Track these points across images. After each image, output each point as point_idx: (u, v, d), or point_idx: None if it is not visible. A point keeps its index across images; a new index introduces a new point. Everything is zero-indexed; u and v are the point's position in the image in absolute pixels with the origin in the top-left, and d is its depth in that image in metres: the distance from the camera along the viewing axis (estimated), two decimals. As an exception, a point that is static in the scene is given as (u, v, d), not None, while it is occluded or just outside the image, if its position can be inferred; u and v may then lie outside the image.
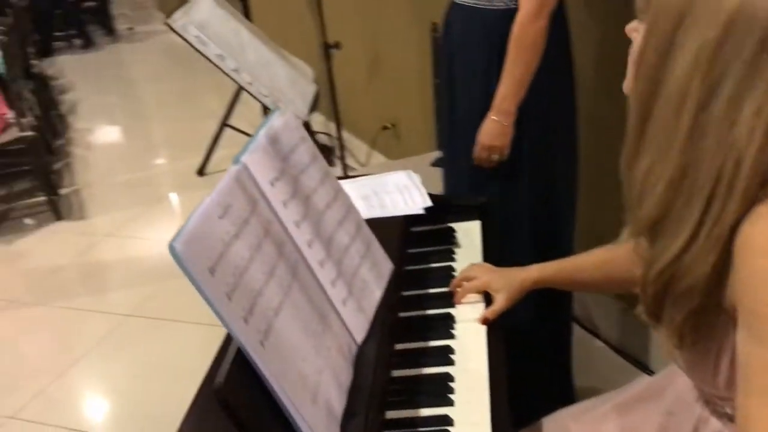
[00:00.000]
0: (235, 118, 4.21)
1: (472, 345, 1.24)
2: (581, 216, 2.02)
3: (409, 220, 1.57)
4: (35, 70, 5.16)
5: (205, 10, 1.73)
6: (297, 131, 1.14)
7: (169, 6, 8.69)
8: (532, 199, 1.89)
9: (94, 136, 5.42)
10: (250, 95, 1.76)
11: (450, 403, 1.10)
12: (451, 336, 1.26)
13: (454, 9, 1.88)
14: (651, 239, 0.82)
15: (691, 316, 0.80)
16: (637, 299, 0.90)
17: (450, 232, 1.59)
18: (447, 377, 1.15)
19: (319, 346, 0.95)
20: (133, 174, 4.55)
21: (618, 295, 2.21)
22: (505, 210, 1.88)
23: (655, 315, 0.85)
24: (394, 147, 3.64)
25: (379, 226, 1.42)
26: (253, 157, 0.99)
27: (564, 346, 2.06)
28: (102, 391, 2.58)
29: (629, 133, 0.82)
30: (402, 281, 1.41)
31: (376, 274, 1.20)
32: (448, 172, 2.10)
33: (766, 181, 0.72)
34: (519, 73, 1.70)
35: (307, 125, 4.06)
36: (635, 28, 0.85)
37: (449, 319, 1.30)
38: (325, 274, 1.05)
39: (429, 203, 1.54)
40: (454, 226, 1.62)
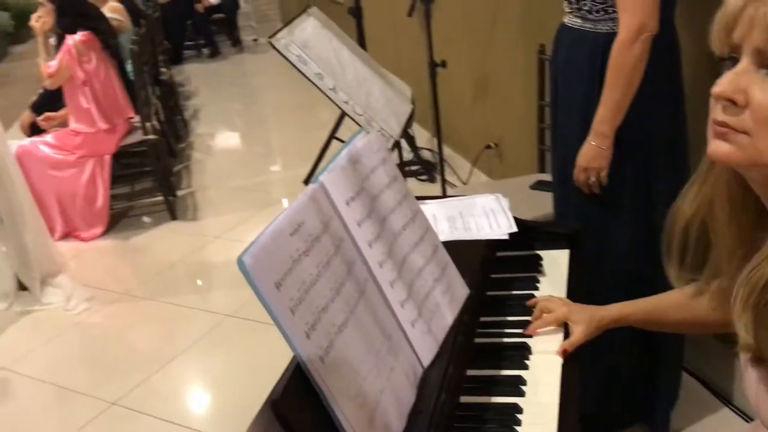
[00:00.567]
0: (343, 131, 4.31)
1: (545, 378, 1.21)
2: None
3: (495, 244, 1.56)
4: (164, 77, 5.49)
5: (309, 30, 1.80)
6: (379, 152, 1.16)
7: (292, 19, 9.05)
8: (631, 224, 1.83)
9: (213, 141, 5.71)
10: (345, 113, 1.81)
11: (518, 422, 1.08)
12: (525, 367, 1.24)
13: (562, 31, 1.86)
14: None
15: None
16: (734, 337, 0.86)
17: (536, 259, 1.57)
18: (515, 408, 1.14)
19: (381, 366, 0.97)
20: (245, 179, 4.75)
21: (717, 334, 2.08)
22: (603, 235, 1.84)
23: (755, 348, 0.78)
24: (496, 166, 3.61)
25: (462, 249, 1.42)
26: (330, 177, 1.02)
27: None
28: (199, 387, 2.70)
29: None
30: (482, 306, 1.40)
31: (449, 298, 1.20)
32: (556, 195, 2.07)
33: None
34: (616, 98, 1.68)
35: (411, 140, 4.10)
36: (750, 83, 0.72)
37: (525, 349, 1.28)
38: (394, 295, 1.06)
39: (514, 229, 1.52)
40: (542, 253, 1.59)
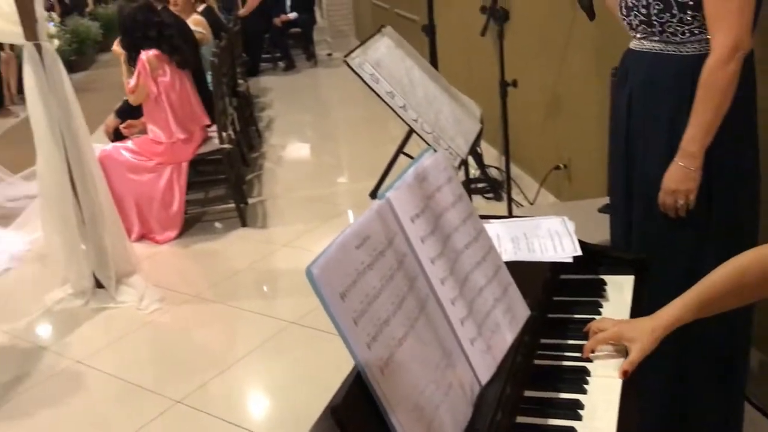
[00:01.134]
0: (411, 146, 4.35)
1: (603, 403, 1.20)
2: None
3: (559, 267, 1.56)
4: (241, 88, 5.67)
5: (383, 50, 1.84)
6: (445, 171, 1.19)
7: (366, 35, 9.19)
8: (719, 252, 1.78)
9: (284, 152, 5.85)
10: (414, 131, 1.84)
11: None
12: (583, 391, 1.23)
13: (632, 56, 1.84)
14: None
15: None
16: None
17: (600, 284, 1.56)
18: (571, 431, 1.13)
19: (439, 381, 0.99)
20: (313, 190, 4.85)
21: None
22: (689, 260, 1.80)
23: None
24: (564, 188, 3.58)
25: (525, 270, 1.43)
26: (397, 193, 1.05)
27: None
28: (260, 391, 2.77)
29: None
30: (543, 328, 1.40)
31: (510, 318, 1.21)
32: (615, 220, 2.04)
33: None
34: (707, 118, 1.66)
35: (479, 158, 4.11)
36: None
37: (584, 372, 1.27)
38: (455, 312, 1.08)
39: (579, 252, 1.52)
40: (606, 278, 1.58)
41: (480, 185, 4.10)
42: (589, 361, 1.31)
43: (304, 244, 3.97)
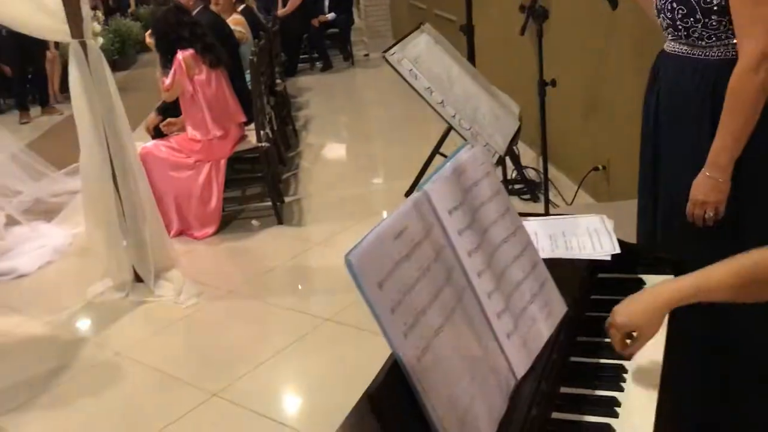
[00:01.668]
0: (447, 146, 4.34)
1: (641, 401, 1.19)
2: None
3: (597, 265, 1.55)
4: (278, 87, 5.72)
5: (422, 46, 1.85)
6: (483, 165, 1.19)
7: (402, 35, 9.21)
8: None
9: (321, 151, 5.88)
10: (452, 127, 1.84)
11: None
12: (620, 389, 1.22)
13: (663, 57, 1.82)
14: None
15: None
16: None
17: (638, 283, 1.54)
18: (608, 428, 1.13)
19: (475, 373, 0.99)
20: (349, 190, 4.87)
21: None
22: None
23: None
24: (602, 189, 3.54)
25: (563, 267, 1.42)
26: (434, 186, 1.06)
27: None
28: (294, 386, 2.79)
29: None
30: (579, 326, 1.39)
31: (546, 313, 1.21)
32: (642, 222, 2.01)
33: None
34: (736, 128, 1.62)
35: (516, 159, 4.08)
36: None
37: (621, 370, 1.27)
38: (491, 306, 1.08)
39: (618, 250, 1.50)
40: (644, 278, 1.56)
41: (517, 186, 4.07)
42: (627, 359, 1.30)
43: (339, 243, 3.99)
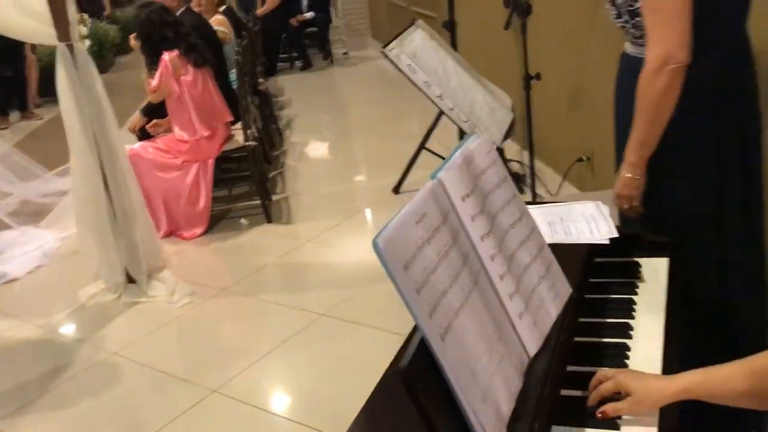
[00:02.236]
0: (431, 142, 4.40)
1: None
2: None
3: (595, 250, 1.60)
4: (261, 87, 5.74)
5: (418, 41, 1.89)
6: (490, 154, 1.23)
7: (382, 34, 9.26)
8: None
9: (305, 150, 5.91)
10: (451, 120, 1.88)
11: (616, 427, 1.12)
12: (624, 366, 1.28)
13: (621, 56, 1.86)
14: None
15: None
16: None
17: (635, 266, 1.60)
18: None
19: (492, 351, 1.03)
20: (336, 186, 4.91)
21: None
22: None
23: None
24: (587, 179, 3.61)
25: (563, 252, 1.47)
26: (448, 174, 1.10)
27: None
28: (292, 381, 2.82)
29: None
30: (581, 308, 1.44)
31: (553, 294, 1.26)
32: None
33: None
34: (643, 128, 1.66)
35: (499, 152, 4.14)
36: None
37: (624, 348, 1.32)
38: (504, 288, 1.13)
39: (615, 234, 1.56)
40: (641, 260, 1.62)
41: (502, 179, 4.13)
42: (629, 337, 1.35)
43: (329, 239, 4.03)
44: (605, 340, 1.37)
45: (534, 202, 1.81)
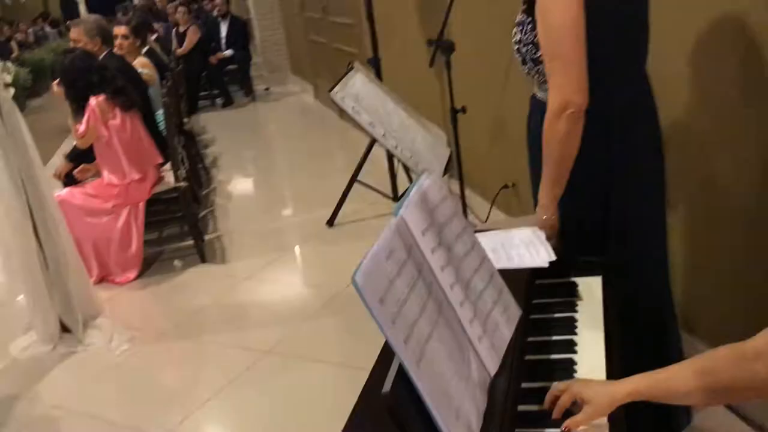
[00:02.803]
0: (363, 175, 4.50)
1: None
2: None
3: (534, 273, 1.72)
4: (186, 126, 5.72)
5: (359, 85, 1.99)
6: (442, 190, 1.33)
7: (302, 69, 9.36)
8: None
9: (234, 187, 5.91)
10: (395, 157, 1.98)
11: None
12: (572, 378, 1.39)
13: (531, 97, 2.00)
14: None
15: None
16: None
17: (573, 286, 1.72)
18: (568, 413, 1.28)
19: (460, 373, 1.12)
20: (268, 223, 4.94)
21: None
22: None
23: None
24: (513, 205, 3.78)
25: (508, 277, 1.58)
26: (408, 211, 1.19)
27: None
28: (242, 422, 2.81)
29: None
30: (529, 328, 1.55)
31: (506, 317, 1.36)
32: None
33: None
34: (551, 172, 1.76)
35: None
36: None
37: (571, 363, 1.43)
38: (464, 314, 1.22)
39: (554, 257, 1.68)
40: (578, 280, 1.75)
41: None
42: (575, 353, 1.47)
43: (266, 276, 4.05)
44: (553, 357, 1.47)
45: (476, 231, 1.92)
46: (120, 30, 5.02)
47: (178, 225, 4.63)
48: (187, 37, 8.81)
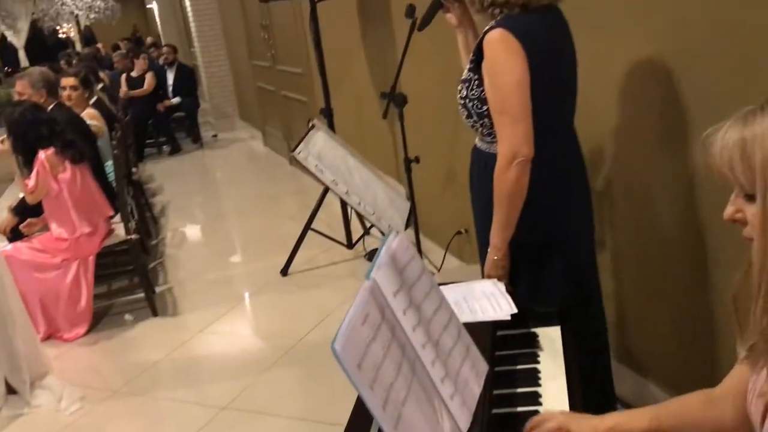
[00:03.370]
0: (316, 222, 4.51)
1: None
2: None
3: (495, 324, 1.76)
4: (135, 176, 5.65)
5: (320, 143, 2.03)
6: (409, 250, 1.37)
7: (250, 115, 9.38)
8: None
9: (184, 237, 5.84)
10: (358, 213, 2.02)
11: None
12: (539, 431, 1.42)
13: (473, 149, 2.13)
14: None
15: None
16: None
17: (533, 336, 1.77)
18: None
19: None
20: (221, 272, 4.88)
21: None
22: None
23: None
24: (466, 250, 3.85)
25: (471, 330, 1.62)
26: (379, 273, 1.22)
27: None
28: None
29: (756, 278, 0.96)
30: (494, 380, 1.58)
31: (475, 373, 1.39)
32: None
33: None
34: (501, 217, 1.92)
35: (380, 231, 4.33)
36: (739, 209, 0.98)
37: (536, 414, 1.46)
38: (435, 373, 1.25)
39: (515, 310, 1.73)
40: (537, 330, 1.80)
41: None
42: (540, 405, 1.50)
43: (220, 329, 3.99)
44: (519, 410, 1.51)
45: (439, 284, 1.96)
46: (68, 81, 4.97)
47: (128, 277, 4.54)
48: (146, 81, 8.85)
